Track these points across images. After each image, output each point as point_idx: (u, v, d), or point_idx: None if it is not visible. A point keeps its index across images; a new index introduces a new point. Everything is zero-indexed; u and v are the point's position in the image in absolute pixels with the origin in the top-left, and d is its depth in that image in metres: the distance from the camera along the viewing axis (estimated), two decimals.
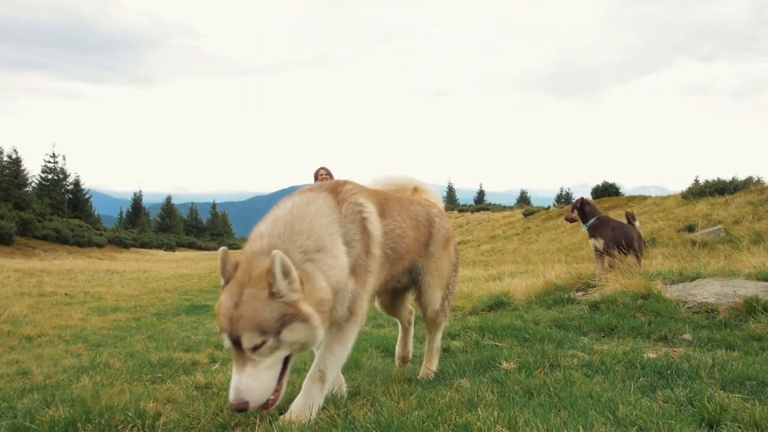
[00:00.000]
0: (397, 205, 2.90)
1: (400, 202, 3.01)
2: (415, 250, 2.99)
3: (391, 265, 2.75)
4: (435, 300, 3.22)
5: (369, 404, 2.39)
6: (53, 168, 61.08)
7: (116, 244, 52.05)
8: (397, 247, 2.76)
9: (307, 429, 2.07)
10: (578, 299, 6.04)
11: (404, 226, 2.83)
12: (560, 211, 31.05)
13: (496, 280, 11.26)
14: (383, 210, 2.71)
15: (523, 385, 2.77)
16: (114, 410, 2.44)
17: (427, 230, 3.12)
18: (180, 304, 12.20)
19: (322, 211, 2.42)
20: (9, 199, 46.80)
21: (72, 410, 2.47)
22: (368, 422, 2.01)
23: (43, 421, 2.36)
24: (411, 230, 2.89)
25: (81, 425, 2.27)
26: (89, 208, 64.92)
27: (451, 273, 3.37)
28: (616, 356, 3.49)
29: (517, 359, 3.45)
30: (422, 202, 3.32)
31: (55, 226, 45.51)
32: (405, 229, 2.83)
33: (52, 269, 22.73)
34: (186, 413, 2.49)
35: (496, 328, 4.75)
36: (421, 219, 3.08)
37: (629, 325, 4.58)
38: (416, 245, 2.99)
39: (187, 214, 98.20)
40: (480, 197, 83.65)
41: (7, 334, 7.20)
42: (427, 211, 3.20)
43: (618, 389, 2.60)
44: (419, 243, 3.03)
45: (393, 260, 2.75)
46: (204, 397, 2.97)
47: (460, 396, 2.48)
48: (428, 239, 3.13)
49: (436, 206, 3.41)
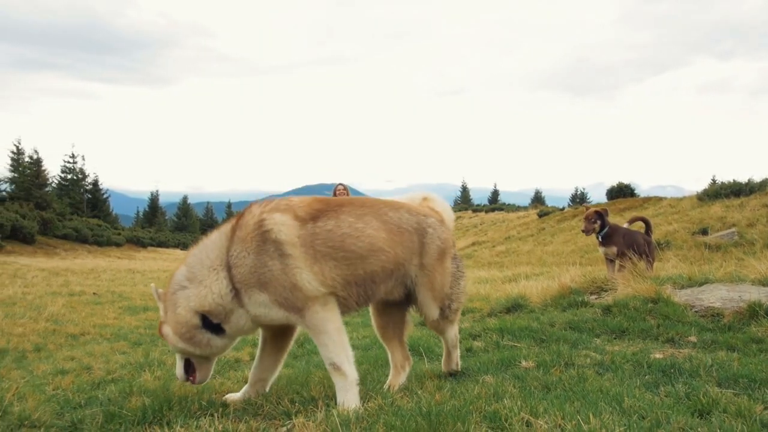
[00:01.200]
0: (355, 210, 3.20)
1: (368, 206, 3.27)
2: (395, 254, 3.18)
3: (344, 262, 3.04)
4: (431, 312, 3.42)
5: (409, 396, 2.78)
6: (72, 168, 62.01)
7: (134, 243, 52.86)
8: (344, 245, 3.04)
9: (361, 414, 2.46)
10: (592, 302, 6.36)
11: (360, 226, 3.11)
12: (575, 211, 31.16)
13: (512, 282, 11.57)
14: (318, 215, 3.09)
15: (541, 381, 3.14)
16: (188, 400, 2.85)
17: (415, 238, 3.28)
18: None
19: (208, 245, 3.07)
20: (30, 199, 47.69)
21: (153, 400, 2.89)
22: (411, 410, 2.39)
23: (132, 408, 2.78)
24: (378, 231, 3.14)
25: (165, 412, 2.68)
26: (107, 207, 65.82)
27: (451, 284, 3.47)
28: (625, 356, 3.85)
29: (535, 358, 3.82)
30: (417, 210, 3.44)
31: (75, 226, 46.34)
32: (362, 229, 3.11)
33: (76, 268, 23.31)
34: (249, 402, 2.89)
35: (515, 329, 5.11)
36: (406, 226, 3.27)
37: (639, 327, 4.92)
38: (395, 248, 3.19)
39: (202, 213, 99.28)
40: (494, 197, 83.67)
41: (53, 333, 7.68)
42: (418, 220, 3.34)
43: (625, 385, 2.97)
44: (403, 248, 3.22)
45: (343, 258, 3.04)
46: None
47: (487, 390, 2.86)
48: (420, 248, 3.30)
49: (435, 216, 3.50)
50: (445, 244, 3.42)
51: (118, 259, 36.52)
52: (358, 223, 3.15)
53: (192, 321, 2.93)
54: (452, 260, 3.51)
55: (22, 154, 53.56)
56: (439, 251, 3.36)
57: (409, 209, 3.41)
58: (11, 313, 8.95)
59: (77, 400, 3.33)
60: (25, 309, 9.58)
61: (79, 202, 60.39)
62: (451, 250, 3.50)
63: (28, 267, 21.43)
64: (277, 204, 3.15)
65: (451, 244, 3.53)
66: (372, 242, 3.12)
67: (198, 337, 2.96)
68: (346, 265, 3.05)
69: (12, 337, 6.81)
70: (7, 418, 2.89)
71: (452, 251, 3.53)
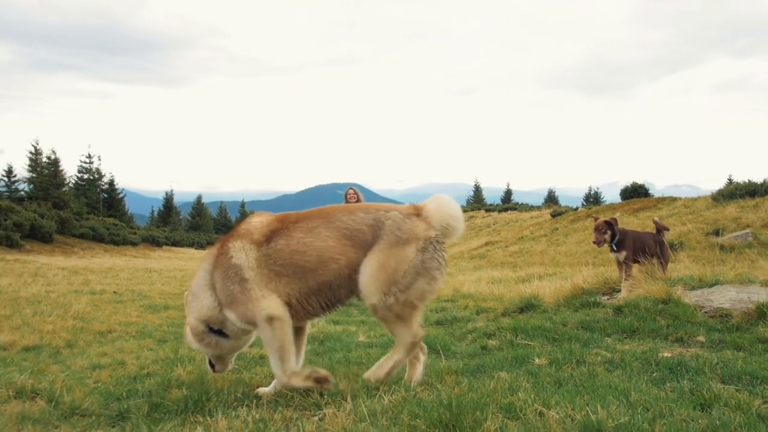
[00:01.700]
0: (307, 224, 3.48)
1: (322, 217, 3.51)
2: (347, 259, 3.37)
3: (295, 277, 3.35)
4: (368, 293, 3.35)
5: (429, 389, 2.99)
6: (89, 168, 62.82)
7: (149, 242, 53.52)
8: (293, 262, 3.35)
9: (386, 405, 2.67)
10: (604, 303, 6.52)
11: (308, 240, 3.39)
12: (588, 212, 31.14)
13: (525, 282, 11.72)
14: (272, 235, 3.46)
15: (553, 377, 3.33)
16: (225, 392, 3.08)
17: (369, 233, 3.42)
18: None
19: (203, 266, 3.61)
20: (48, 199, 48.45)
21: (191, 392, 3.12)
22: (432, 401, 2.60)
23: (173, 399, 3.01)
24: (327, 241, 3.38)
25: (204, 403, 2.91)
26: (123, 207, 66.59)
27: (407, 274, 3.35)
28: (634, 355, 4.02)
29: (548, 356, 4.00)
30: (378, 208, 3.57)
31: (92, 225, 47.01)
32: (310, 243, 3.38)
33: (94, 267, 23.74)
34: (280, 395, 3.11)
35: (528, 328, 5.30)
36: (359, 225, 3.44)
37: (649, 327, 5.08)
38: (347, 253, 3.38)
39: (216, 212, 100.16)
40: (507, 197, 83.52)
41: (81, 330, 7.96)
42: (375, 216, 3.47)
43: (633, 381, 3.15)
44: (356, 249, 3.39)
45: (294, 274, 3.36)
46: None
47: (502, 384, 3.06)
48: (373, 240, 3.41)
49: (404, 211, 3.55)
50: (407, 235, 3.41)
51: (134, 258, 37.05)
52: (307, 238, 3.41)
53: (199, 327, 3.53)
54: (418, 253, 3.39)
55: (40, 155, 54.45)
56: (395, 239, 3.39)
57: (368, 209, 3.56)
58: (39, 311, 9.26)
59: (118, 392, 3.57)
60: (52, 307, 9.89)
61: (96, 202, 61.18)
62: (415, 242, 3.41)
63: (48, 266, 21.88)
64: (238, 230, 3.59)
65: (419, 237, 3.42)
66: (320, 254, 3.36)
67: (207, 340, 3.54)
68: (298, 279, 3.35)
69: (44, 334, 7.10)
70: (60, 407, 3.15)
71: (419, 244, 3.41)
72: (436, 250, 3.43)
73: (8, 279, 14.94)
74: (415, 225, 3.45)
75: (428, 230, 3.45)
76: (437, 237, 3.47)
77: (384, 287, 3.31)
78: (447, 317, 7.34)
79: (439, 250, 3.45)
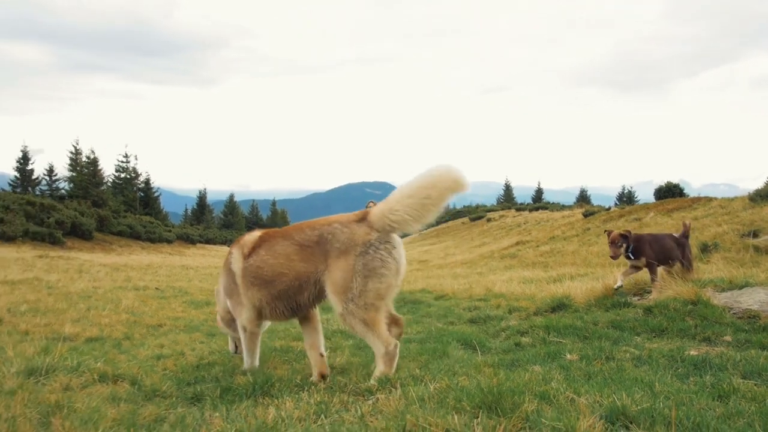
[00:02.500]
0: (272, 241, 4.08)
1: (285, 236, 4.05)
2: (295, 272, 3.87)
3: (262, 287, 4.02)
4: (334, 305, 3.78)
5: (470, 379, 3.31)
6: (126, 167, 64.58)
7: (184, 240, 54.83)
8: (258, 274, 4.04)
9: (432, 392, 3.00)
10: (634, 303, 6.72)
11: (267, 258, 4.00)
12: (621, 211, 30.88)
13: (557, 282, 11.89)
14: (251, 252, 4.15)
15: (583, 371, 3.62)
16: (286, 380, 3.46)
17: (317, 249, 3.84)
18: None
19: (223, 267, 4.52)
20: (87, 197, 50.04)
21: (256, 378, 3.51)
22: (474, 388, 2.92)
23: (240, 384, 3.41)
24: (279, 258, 3.95)
25: (268, 388, 3.29)
26: (158, 205, 68.24)
27: (355, 280, 3.64)
28: (662, 352, 4.26)
29: (579, 352, 4.28)
30: (322, 223, 3.94)
31: (129, 223, 48.40)
32: (267, 260, 3.99)
33: (133, 264, 24.59)
34: (335, 382, 3.47)
35: (560, 327, 5.56)
36: (307, 243, 3.88)
37: (678, 327, 5.29)
38: (296, 267, 3.88)
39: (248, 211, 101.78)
40: (538, 196, 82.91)
41: (134, 323, 8.48)
42: (319, 232, 3.86)
43: (658, 375, 3.41)
44: (305, 263, 3.85)
45: (260, 284, 4.03)
46: (332, 372, 3.98)
47: (536, 376, 3.36)
48: (324, 254, 3.80)
49: (343, 220, 3.88)
50: (345, 245, 3.73)
51: (170, 255, 38.10)
52: (266, 255, 4.03)
53: (226, 316, 4.71)
54: (358, 258, 3.66)
55: (79, 154, 56.26)
56: (338, 251, 3.74)
57: (314, 225, 3.96)
58: (92, 306, 9.83)
59: (187, 378, 3.99)
60: (103, 302, 10.47)
61: (133, 200, 62.84)
62: (354, 249, 3.70)
63: (90, 262, 22.78)
64: (239, 241, 4.37)
65: (356, 243, 3.71)
66: (274, 269, 3.96)
67: (233, 326, 4.68)
68: (263, 288, 4.02)
69: (103, 327, 7.61)
70: (142, 390, 3.57)
71: (357, 250, 3.69)
72: (377, 251, 3.68)
73: (56, 275, 15.72)
74: (353, 232, 3.75)
75: (368, 234, 3.72)
76: (378, 238, 3.71)
77: (342, 297, 3.69)
78: (480, 316, 7.62)
79: (381, 249, 3.69)
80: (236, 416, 2.86)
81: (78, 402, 3.14)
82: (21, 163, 53.70)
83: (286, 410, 2.90)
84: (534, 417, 2.42)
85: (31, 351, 4.91)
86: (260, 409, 2.99)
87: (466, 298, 10.35)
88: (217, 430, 2.60)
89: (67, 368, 4.10)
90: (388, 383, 3.34)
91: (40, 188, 54.55)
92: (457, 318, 7.88)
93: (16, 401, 3.09)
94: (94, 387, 3.71)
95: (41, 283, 12.61)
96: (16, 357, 4.59)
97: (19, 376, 3.82)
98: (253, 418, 2.75)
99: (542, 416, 2.39)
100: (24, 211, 36.75)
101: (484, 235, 42.95)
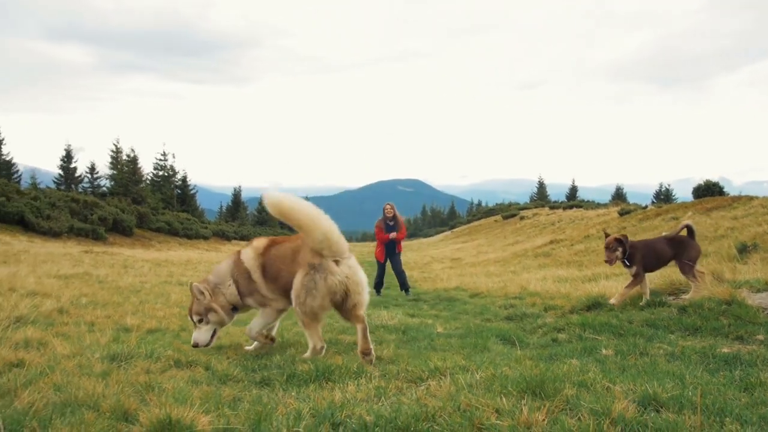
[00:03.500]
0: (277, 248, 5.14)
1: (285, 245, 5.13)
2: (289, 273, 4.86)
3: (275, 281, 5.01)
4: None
5: (512, 369, 3.62)
6: (164, 165, 66.24)
7: (219, 236, 56.05)
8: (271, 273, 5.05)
9: (477, 379, 3.33)
10: (669, 303, 6.90)
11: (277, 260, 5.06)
12: (658, 210, 30.49)
13: (592, 281, 12.02)
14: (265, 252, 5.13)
15: (618, 365, 3.89)
16: (343, 366, 3.83)
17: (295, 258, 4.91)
18: None
19: (227, 265, 5.27)
20: (128, 194, 51.61)
21: (317, 365, 3.89)
22: (517, 377, 3.23)
23: (303, 370, 3.79)
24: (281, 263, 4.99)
25: (329, 374, 3.67)
26: (195, 202, 69.81)
27: (300, 291, 4.67)
28: (694, 349, 4.49)
29: (614, 348, 4.54)
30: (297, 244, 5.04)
31: (167, 220, 49.72)
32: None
33: (173, 260, 25.38)
34: (387, 370, 3.83)
35: (595, 324, 5.81)
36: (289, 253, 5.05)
37: (711, 326, 5.48)
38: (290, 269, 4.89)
39: None
40: (572, 194, 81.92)
41: (186, 317, 8.99)
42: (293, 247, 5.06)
43: (689, 369, 3.67)
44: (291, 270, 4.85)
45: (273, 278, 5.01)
46: (383, 363, 4.35)
47: (574, 368, 3.65)
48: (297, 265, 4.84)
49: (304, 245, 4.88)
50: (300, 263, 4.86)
51: (206, 252, 39.05)
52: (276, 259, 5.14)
53: (228, 305, 5.22)
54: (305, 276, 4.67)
55: (120, 153, 58.01)
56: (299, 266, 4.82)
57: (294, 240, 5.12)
58: (144, 299, 10.40)
59: (252, 366, 4.40)
60: (153, 296, 11.04)
61: (170, 197, 64.44)
62: (304, 267, 4.74)
63: (133, 258, 23.63)
64: (254, 247, 5.22)
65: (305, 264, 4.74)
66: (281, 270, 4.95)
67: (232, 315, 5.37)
68: (276, 284, 5.01)
69: (160, 319, 8.13)
70: (216, 375, 3.99)
71: (306, 269, 4.71)
72: (315, 273, 4.60)
73: (104, 270, 16.46)
74: (305, 255, 4.72)
75: (313, 258, 4.65)
76: (321, 263, 4.61)
77: (294, 300, 4.74)
78: (516, 313, 7.89)
79: (319, 273, 4.59)
80: (306, 396, 3.24)
81: (165, 383, 3.57)
82: (65, 161, 55.70)
83: (349, 392, 3.26)
84: (574, 400, 2.72)
85: (104, 340, 5.40)
86: (326, 391, 3.36)
87: (501, 296, 10.61)
88: (293, 407, 2.97)
89: (143, 355, 4.55)
90: (437, 372, 3.68)
91: (83, 185, 56.51)
92: (494, 315, 8.16)
93: (111, 382, 3.54)
94: (171, 371, 4.14)
95: (92, 278, 13.28)
96: (92, 345, 5.09)
97: (104, 362, 4.29)
98: (321, 398, 3.13)
99: (581, 400, 2.70)
100: (69, 208, 38.24)
101: (517, 234, 42.84)
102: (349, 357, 4.61)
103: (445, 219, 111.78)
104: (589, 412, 2.56)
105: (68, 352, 4.61)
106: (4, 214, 32.08)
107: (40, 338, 5.14)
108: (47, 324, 6.26)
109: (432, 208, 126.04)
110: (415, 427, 2.54)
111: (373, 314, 7.58)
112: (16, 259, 17.29)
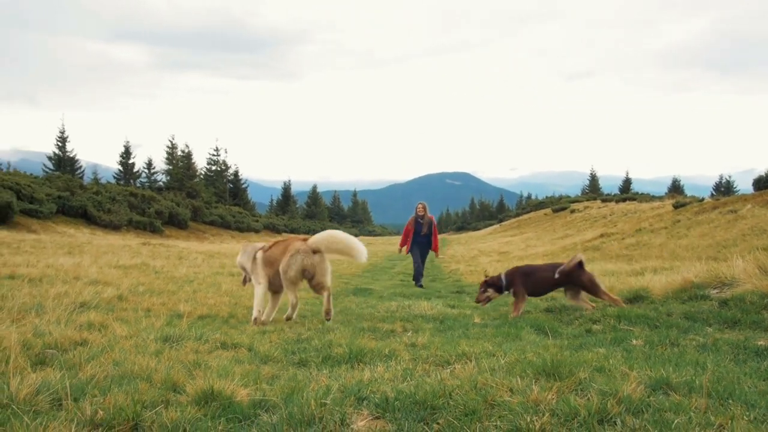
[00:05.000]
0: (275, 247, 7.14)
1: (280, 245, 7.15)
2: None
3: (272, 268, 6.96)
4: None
5: (537, 355, 3.75)
6: (216, 160, 68.23)
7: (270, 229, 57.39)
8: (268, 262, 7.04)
9: (501, 363, 3.49)
10: (712, 296, 6.80)
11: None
12: (716, 202, 29.38)
13: (638, 275, 11.83)
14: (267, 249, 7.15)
15: (645, 354, 3.96)
16: (374, 350, 4.05)
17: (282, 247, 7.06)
18: (342, 287, 14.14)
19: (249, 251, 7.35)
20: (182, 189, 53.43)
21: (351, 348, 4.13)
22: (539, 362, 3.37)
23: (337, 353, 4.05)
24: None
25: (361, 356, 3.90)
26: (246, 196, 71.61)
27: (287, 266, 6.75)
28: (728, 341, 4.48)
29: (645, 339, 4.58)
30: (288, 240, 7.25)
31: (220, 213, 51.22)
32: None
33: (226, 252, 26.22)
34: (417, 355, 4.03)
35: (632, 316, 5.82)
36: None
37: (751, 319, 5.41)
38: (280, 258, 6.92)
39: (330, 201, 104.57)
40: (626, 186, 79.60)
41: (236, 305, 9.35)
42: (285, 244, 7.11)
43: (714, 358, 3.70)
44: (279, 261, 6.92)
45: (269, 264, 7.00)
46: (415, 348, 4.55)
47: (597, 355, 3.75)
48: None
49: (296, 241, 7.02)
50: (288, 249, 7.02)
51: None
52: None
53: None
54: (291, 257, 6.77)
55: (175, 149, 60.09)
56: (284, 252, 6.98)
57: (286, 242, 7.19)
58: (197, 289, 10.94)
59: (291, 349, 4.69)
60: (205, 286, 11.58)
61: (223, 192, 66.34)
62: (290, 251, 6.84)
63: (187, 250, 24.61)
64: (263, 246, 7.23)
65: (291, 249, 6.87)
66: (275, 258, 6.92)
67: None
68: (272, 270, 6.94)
69: (211, 307, 8.59)
70: (257, 355, 4.30)
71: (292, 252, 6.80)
72: (294, 256, 6.69)
73: (160, 261, 17.27)
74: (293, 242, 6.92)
75: (301, 245, 6.75)
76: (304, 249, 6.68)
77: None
78: (556, 305, 7.92)
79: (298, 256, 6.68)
80: (338, 375, 3.48)
81: (210, 361, 3.89)
82: (123, 157, 58.18)
83: (378, 373, 3.48)
84: (585, 382, 2.85)
85: (158, 324, 5.83)
86: (357, 371, 3.60)
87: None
88: (324, 383, 3.23)
89: (193, 337, 4.93)
90: (464, 356, 3.85)
91: (141, 180, 58.88)
92: (534, 307, 8.21)
93: (163, 359, 3.89)
94: (217, 352, 4.49)
95: (149, 268, 14.00)
96: (147, 328, 5.51)
97: (158, 342, 4.68)
98: (351, 377, 3.36)
99: (593, 381, 2.82)
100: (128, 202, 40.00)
101: (567, 227, 42.09)
102: (383, 342, 4.84)
103: (493, 212, 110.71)
104: (597, 392, 2.68)
105: (126, 334, 5.04)
106: (69, 208, 33.94)
107: (102, 321, 5.62)
108: (108, 309, 6.77)
109: (480, 202, 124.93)
110: (432, 402, 2.73)
111: (413, 305, 7.78)
112: (80, 250, 18.34)
